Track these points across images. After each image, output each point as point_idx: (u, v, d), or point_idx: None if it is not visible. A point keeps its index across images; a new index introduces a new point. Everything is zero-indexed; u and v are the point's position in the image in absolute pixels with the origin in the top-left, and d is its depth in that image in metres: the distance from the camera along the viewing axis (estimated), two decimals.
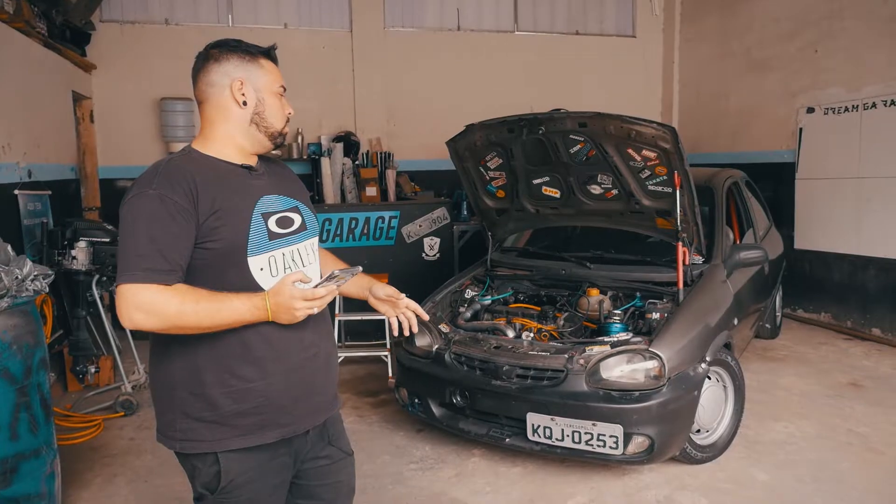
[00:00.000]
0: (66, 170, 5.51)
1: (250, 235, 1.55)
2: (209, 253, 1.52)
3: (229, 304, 1.47)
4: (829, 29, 5.92)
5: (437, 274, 5.76)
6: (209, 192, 1.52)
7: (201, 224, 1.50)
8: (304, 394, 1.65)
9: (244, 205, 1.57)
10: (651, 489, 3.16)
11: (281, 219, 1.64)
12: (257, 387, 1.56)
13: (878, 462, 3.39)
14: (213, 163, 1.61)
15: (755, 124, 6.82)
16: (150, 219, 1.46)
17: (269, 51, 1.68)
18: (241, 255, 1.54)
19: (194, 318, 1.45)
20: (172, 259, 1.46)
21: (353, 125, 7.13)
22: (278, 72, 1.69)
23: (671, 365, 3.05)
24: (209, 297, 1.47)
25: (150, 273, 1.43)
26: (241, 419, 1.56)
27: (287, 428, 1.62)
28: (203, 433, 1.56)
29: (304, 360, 1.63)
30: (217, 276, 1.53)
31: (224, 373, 1.55)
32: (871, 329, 5.65)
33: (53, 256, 4.16)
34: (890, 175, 5.38)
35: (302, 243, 1.68)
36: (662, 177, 3.54)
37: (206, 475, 1.59)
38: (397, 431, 3.90)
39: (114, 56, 6.40)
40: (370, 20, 7.13)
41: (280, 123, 1.66)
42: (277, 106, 1.66)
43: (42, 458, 2.72)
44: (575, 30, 7.91)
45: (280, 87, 1.68)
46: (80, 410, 4.23)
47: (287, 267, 1.62)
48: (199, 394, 1.55)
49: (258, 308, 1.48)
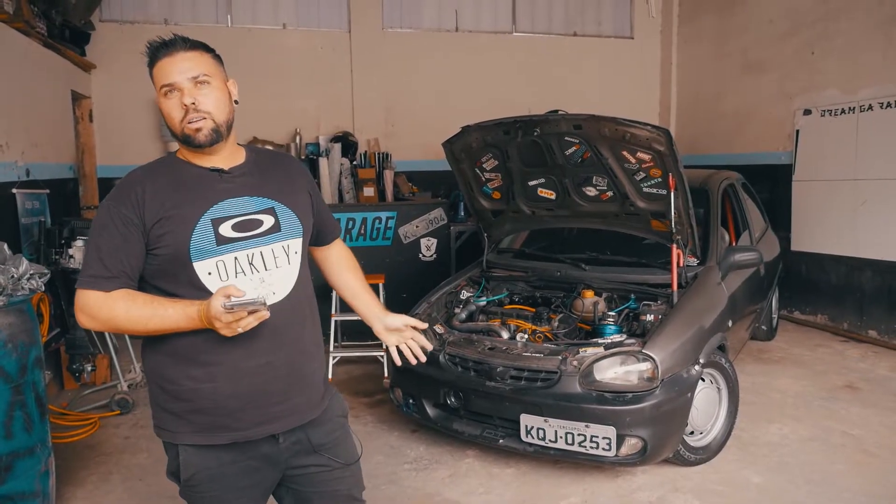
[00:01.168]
0: (65, 169, 5.53)
1: (192, 241, 1.56)
2: (158, 259, 1.58)
3: (162, 313, 1.53)
4: (824, 30, 5.93)
5: (433, 274, 5.77)
6: (158, 200, 1.57)
7: (148, 231, 1.56)
8: (256, 402, 1.62)
9: (192, 211, 1.58)
10: (644, 491, 3.17)
11: (241, 222, 1.61)
12: (205, 389, 1.60)
13: (870, 464, 3.40)
14: (181, 168, 1.64)
15: (752, 126, 6.83)
16: (98, 229, 1.58)
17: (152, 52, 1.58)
18: (185, 261, 1.56)
19: (126, 323, 1.55)
20: (112, 267, 1.55)
21: (351, 125, 7.14)
22: (162, 70, 1.56)
23: (664, 367, 3.06)
24: (144, 304, 1.54)
25: (91, 279, 1.55)
26: (195, 416, 1.62)
27: (237, 433, 1.61)
28: (168, 423, 1.65)
29: (255, 369, 1.61)
30: (170, 280, 1.59)
31: (179, 372, 1.61)
32: (868, 331, 5.66)
33: (51, 255, 4.17)
34: (886, 177, 5.39)
35: (268, 245, 1.63)
36: (657, 179, 3.55)
37: (172, 464, 1.68)
38: (392, 432, 3.92)
39: (113, 56, 6.41)
40: (368, 20, 7.14)
41: (174, 124, 1.57)
42: (166, 109, 1.57)
43: (37, 456, 2.74)
44: (573, 31, 7.92)
45: (162, 89, 1.56)
46: (77, 409, 4.24)
47: (240, 271, 1.59)
48: (162, 387, 1.65)
49: (192, 318, 1.51)
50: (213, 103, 1.58)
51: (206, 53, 1.62)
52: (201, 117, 1.56)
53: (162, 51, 1.57)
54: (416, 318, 3.73)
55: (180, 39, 1.59)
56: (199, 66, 1.57)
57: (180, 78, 1.55)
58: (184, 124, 1.56)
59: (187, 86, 1.56)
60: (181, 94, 1.55)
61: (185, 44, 1.59)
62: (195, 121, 1.56)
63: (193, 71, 1.56)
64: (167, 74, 1.55)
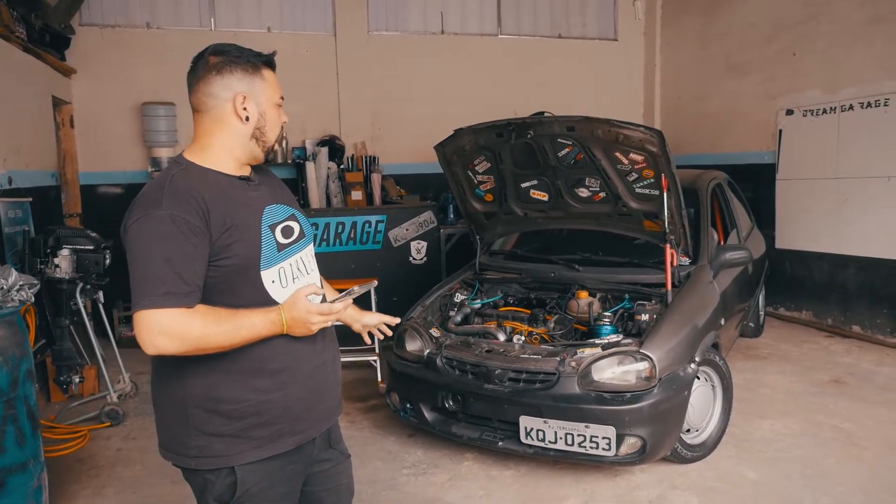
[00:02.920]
0: (47, 176, 5.43)
1: (262, 249, 1.54)
2: (223, 270, 1.50)
3: (248, 322, 1.48)
4: (806, 32, 6.03)
5: (424, 278, 5.76)
6: (219, 208, 1.50)
7: (214, 241, 1.48)
8: (316, 400, 1.67)
9: (253, 218, 1.57)
10: (643, 489, 3.18)
11: (284, 228, 1.63)
12: (274, 398, 1.58)
13: (862, 457, 3.46)
14: (213, 177, 1.58)
15: (735, 126, 6.92)
16: (163, 240, 1.43)
17: (270, 59, 1.64)
18: (255, 270, 1.54)
19: (217, 339, 1.45)
20: (190, 280, 1.44)
21: (337, 129, 7.10)
22: (277, 82, 1.64)
23: (662, 366, 3.08)
24: (229, 316, 1.47)
25: (169, 297, 1.41)
26: (259, 430, 1.57)
27: (302, 435, 1.64)
28: (219, 448, 1.55)
29: (315, 368, 1.66)
30: (231, 292, 1.53)
31: (241, 387, 1.55)
32: (852, 326, 5.75)
33: (36, 265, 4.09)
34: (867, 175, 5.49)
35: (303, 251, 1.68)
36: (649, 179, 3.58)
37: (220, 487, 1.58)
38: (388, 437, 3.90)
39: (94, 60, 6.31)
40: (354, 24, 7.11)
41: (275, 136, 1.65)
42: (276, 119, 1.63)
43: (29, 471, 2.68)
44: (558, 33, 7.96)
45: (280, 99, 1.65)
46: (65, 421, 4.15)
47: (294, 277, 1.62)
48: (213, 409, 1.54)
49: (274, 323, 1.50)
50: None
51: None
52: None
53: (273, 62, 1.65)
54: (411, 321, 3.79)
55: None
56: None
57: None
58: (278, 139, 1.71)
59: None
60: (282, 111, 1.67)
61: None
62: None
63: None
64: (279, 88, 1.65)
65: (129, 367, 4.70)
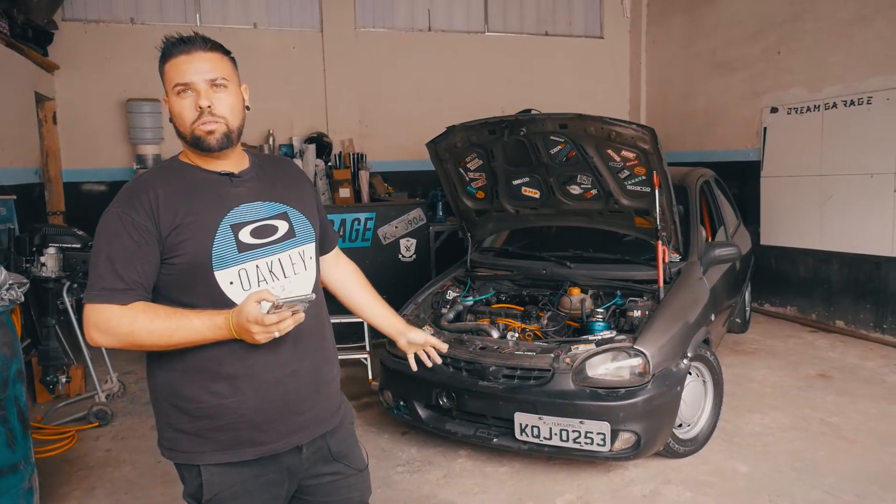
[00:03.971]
0: (30, 173, 5.34)
1: (214, 249, 1.49)
2: (174, 268, 1.49)
3: (187, 324, 1.44)
4: (791, 31, 6.10)
5: (414, 275, 5.75)
6: (172, 206, 1.49)
7: (164, 239, 1.48)
8: (282, 413, 1.58)
9: (211, 217, 1.52)
10: (637, 484, 3.21)
11: (259, 228, 1.57)
12: (230, 403, 1.53)
13: (850, 450, 3.51)
14: (190, 172, 1.56)
15: (721, 124, 6.99)
16: (109, 238, 1.47)
17: (166, 49, 1.53)
18: (206, 270, 1.49)
19: (147, 337, 1.44)
20: (129, 278, 1.45)
21: (325, 126, 7.07)
22: (175, 69, 1.51)
23: (655, 361, 3.10)
24: (166, 316, 1.45)
25: (105, 293, 1.45)
26: (218, 434, 1.54)
27: (265, 447, 1.56)
28: (185, 444, 1.56)
29: (280, 378, 1.57)
30: (186, 291, 1.51)
31: (198, 387, 1.53)
32: (836, 321, 5.84)
33: (21, 264, 4.02)
34: (850, 172, 5.58)
35: (286, 252, 1.60)
36: (641, 177, 3.61)
37: (192, 485, 1.59)
38: (381, 434, 3.89)
39: (77, 56, 6.22)
40: (341, 20, 7.08)
41: (185, 127, 1.52)
42: (177, 108, 1.52)
43: (20, 473, 2.63)
44: (544, 31, 7.99)
45: (174, 87, 1.51)
46: (52, 422, 4.09)
47: (262, 279, 1.55)
48: (177, 405, 1.55)
49: (220, 327, 1.44)
50: (228, 108, 1.54)
51: (225, 56, 1.57)
52: (215, 121, 1.51)
53: (179, 47, 1.51)
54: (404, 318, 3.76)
55: (200, 38, 1.54)
56: (217, 68, 1.53)
57: (197, 78, 1.50)
58: (195, 126, 1.51)
59: (203, 87, 1.51)
60: (196, 96, 1.50)
61: (206, 44, 1.54)
62: (208, 123, 1.51)
63: (211, 73, 1.51)
64: (182, 73, 1.50)
65: (116, 367, 4.64)
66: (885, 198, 5.29)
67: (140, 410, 4.37)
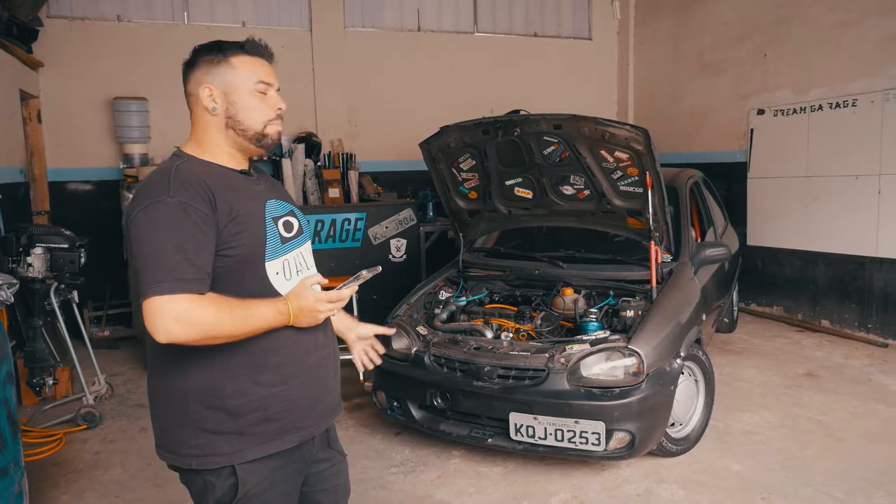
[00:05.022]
0: (15, 172, 5.25)
1: (268, 240, 1.55)
2: (229, 260, 1.49)
3: (258, 311, 1.47)
4: (777, 34, 6.17)
5: (404, 276, 5.74)
6: (226, 198, 1.50)
7: (221, 230, 1.48)
8: (320, 394, 1.66)
9: (257, 209, 1.57)
10: (630, 483, 3.23)
11: (285, 223, 1.64)
12: (279, 391, 1.56)
13: (838, 448, 3.56)
14: (215, 169, 1.58)
15: (708, 125, 7.05)
16: (173, 227, 1.41)
17: (242, 45, 1.59)
18: (260, 261, 1.53)
19: (229, 326, 1.43)
20: (201, 267, 1.43)
21: (314, 126, 7.03)
22: (259, 66, 1.58)
23: (649, 361, 3.12)
24: (239, 304, 1.46)
25: (182, 283, 1.39)
26: (264, 426, 1.55)
27: (306, 430, 1.62)
28: (221, 446, 1.52)
29: (318, 361, 1.65)
30: (236, 283, 1.51)
31: (244, 381, 1.53)
32: (821, 321, 5.92)
33: (7, 264, 3.95)
34: (836, 174, 5.66)
35: (303, 246, 1.69)
36: (634, 177, 3.63)
37: (221, 489, 1.54)
38: (375, 435, 3.88)
39: (62, 54, 6.12)
40: (330, 19, 7.05)
41: (258, 124, 1.58)
42: (253, 105, 1.57)
43: (10, 477, 2.58)
44: (533, 31, 8.01)
45: (258, 84, 1.57)
46: (39, 425, 4.04)
47: (298, 270, 1.63)
48: (217, 406, 1.51)
49: (281, 313, 1.50)
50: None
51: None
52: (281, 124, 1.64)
53: (259, 50, 1.62)
54: (397, 319, 3.78)
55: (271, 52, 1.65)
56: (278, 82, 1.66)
57: (275, 83, 1.62)
58: (269, 124, 1.60)
59: (277, 93, 1.63)
60: (276, 99, 1.62)
61: (272, 57, 1.66)
62: (277, 124, 1.62)
63: (278, 84, 1.65)
64: (269, 75, 1.60)
65: (102, 369, 4.59)
66: (869, 199, 5.38)
67: (129, 413, 4.32)
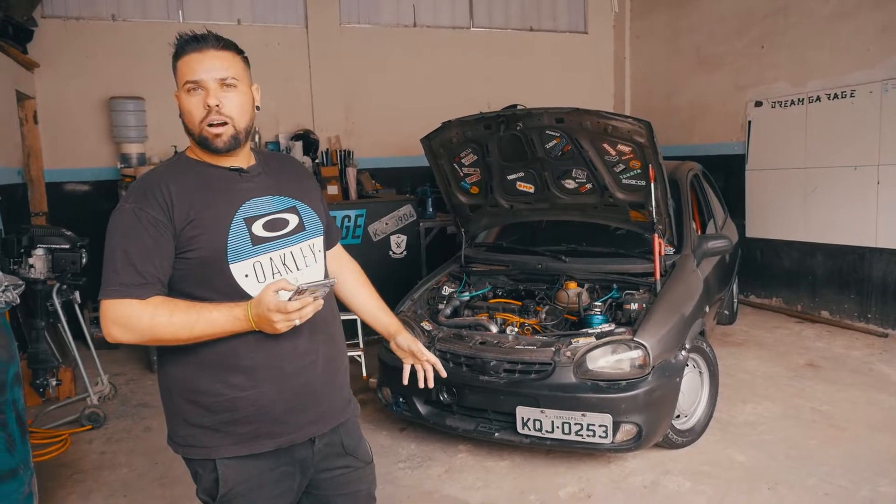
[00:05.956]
0: (13, 173, 5.22)
1: (229, 242, 1.51)
2: (190, 262, 1.50)
3: (207, 316, 1.45)
4: (774, 26, 6.18)
5: (405, 272, 5.74)
6: (186, 201, 1.50)
7: (178, 234, 1.49)
8: (300, 403, 1.60)
9: (224, 211, 1.53)
10: (637, 475, 3.24)
11: (270, 222, 1.59)
12: (249, 396, 1.54)
13: (842, 438, 3.58)
14: (199, 168, 1.58)
15: (706, 118, 7.06)
16: (124, 233, 1.47)
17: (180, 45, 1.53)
18: (222, 263, 1.51)
19: (169, 330, 1.44)
20: (147, 272, 1.46)
21: (311, 123, 7.01)
22: (190, 64, 1.51)
23: (655, 353, 3.14)
24: (186, 309, 1.45)
25: (123, 288, 1.45)
26: (235, 427, 1.55)
27: (282, 438, 1.58)
28: (201, 439, 1.56)
29: (298, 369, 1.58)
30: (202, 284, 1.52)
31: (215, 381, 1.54)
32: (821, 311, 5.95)
33: (9, 265, 3.93)
34: (834, 165, 5.68)
35: (297, 245, 1.62)
36: (636, 170, 3.63)
37: (206, 481, 1.58)
38: (380, 431, 3.88)
39: (58, 54, 6.07)
40: (325, 16, 7.02)
41: (194, 125, 1.53)
42: (187, 106, 1.52)
43: (20, 478, 2.59)
44: (529, 26, 7.99)
45: (186, 84, 1.51)
46: (43, 426, 4.03)
47: (276, 272, 1.57)
48: (194, 400, 1.55)
49: (239, 319, 1.45)
50: (237, 108, 1.54)
51: (237, 55, 1.58)
52: (222, 121, 1.52)
53: (192, 45, 1.52)
54: (401, 315, 3.77)
55: (213, 37, 1.55)
56: (228, 67, 1.53)
57: (207, 77, 1.51)
58: (203, 125, 1.52)
59: (213, 86, 1.51)
60: (206, 94, 1.51)
61: (218, 42, 1.54)
62: (216, 124, 1.52)
63: (222, 72, 1.52)
64: (193, 70, 1.51)
65: (104, 369, 4.58)
66: (868, 190, 5.40)
67: (133, 412, 4.32)
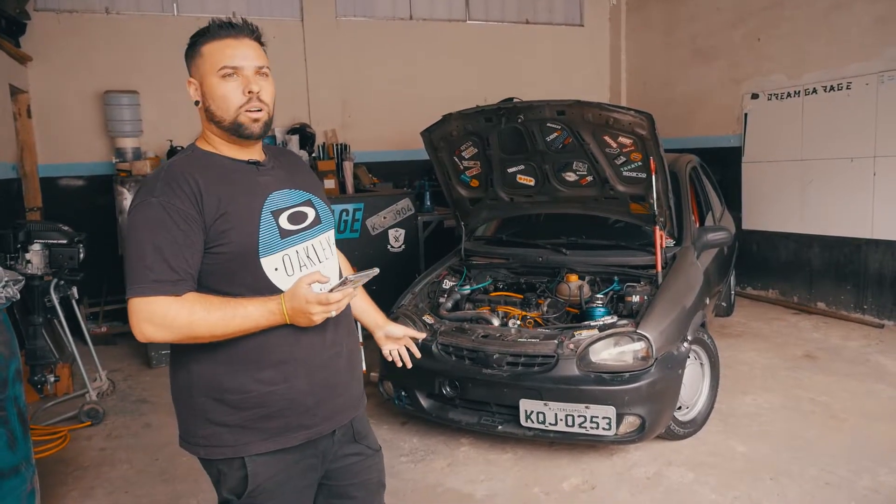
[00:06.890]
0: (7, 168, 5.18)
1: (261, 236, 1.49)
2: (220, 257, 1.47)
3: (242, 312, 1.43)
4: (770, 18, 6.19)
5: (403, 266, 5.73)
6: (214, 194, 1.47)
7: (208, 228, 1.46)
8: (328, 394, 1.61)
9: (252, 204, 1.52)
10: (640, 467, 3.25)
11: (293, 214, 1.58)
12: (279, 390, 1.53)
13: (841, 428, 3.60)
14: (216, 161, 1.55)
15: (702, 110, 7.07)
16: (153, 228, 1.42)
17: (207, 31, 1.52)
18: (253, 257, 1.49)
19: (206, 327, 1.42)
20: (180, 268, 1.42)
21: (307, 117, 6.97)
22: (224, 50, 1.49)
23: (657, 345, 3.14)
24: (221, 304, 1.43)
25: (157, 284, 1.40)
26: (265, 422, 1.53)
27: (312, 430, 1.58)
28: (227, 438, 1.53)
29: (326, 360, 1.59)
30: (231, 279, 1.49)
31: (245, 377, 1.51)
32: (817, 303, 5.98)
33: (5, 261, 3.89)
34: (830, 157, 5.69)
35: (317, 238, 1.62)
36: (637, 163, 3.63)
37: (233, 480, 1.55)
38: (381, 425, 3.87)
39: (51, 47, 6.02)
40: (321, 9, 6.98)
41: (228, 111, 1.49)
42: (220, 93, 1.49)
43: (22, 475, 2.57)
44: (525, 19, 7.97)
45: (221, 69, 1.48)
46: (41, 422, 4.00)
47: (302, 265, 1.56)
48: (219, 399, 1.52)
49: (273, 313, 1.45)
50: (270, 97, 1.56)
51: (263, 47, 1.58)
52: (260, 108, 1.52)
53: (227, 31, 1.51)
54: (402, 309, 3.78)
55: (248, 26, 1.55)
56: (262, 57, 1.55)
57: (246, 63, 1.50)
58: (241, 111, 1.50)
59: (251, 74, 1.51)
60: (245, 81, 1.50)
61: (252, 32, 1.55)
62: (254, 111, 1.51)
63: (258, 60, 1.53)
64: (230, 56, 1.49)
65: (105, 365, 4.56)
66: (864, 181, 5.42)
67: (131, 408, 4.30)
